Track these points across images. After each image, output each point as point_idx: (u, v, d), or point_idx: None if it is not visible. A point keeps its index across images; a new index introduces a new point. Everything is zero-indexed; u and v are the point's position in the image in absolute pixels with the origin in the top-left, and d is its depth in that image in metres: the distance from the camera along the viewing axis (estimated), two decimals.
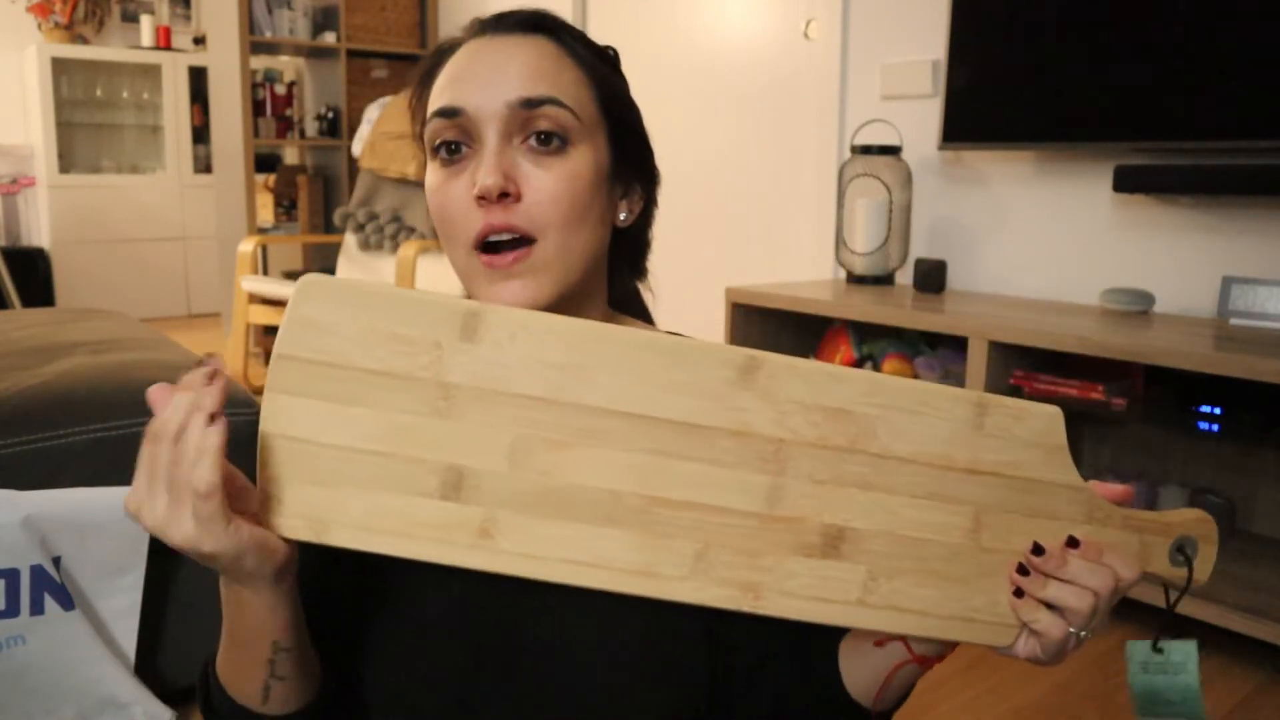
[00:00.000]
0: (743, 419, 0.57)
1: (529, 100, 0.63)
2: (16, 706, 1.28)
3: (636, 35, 3.17)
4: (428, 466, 0.55)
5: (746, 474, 0.57)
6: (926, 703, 1.52)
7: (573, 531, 0.56)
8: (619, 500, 0.56)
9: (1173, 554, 0.62)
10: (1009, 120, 2.19)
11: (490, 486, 0.55)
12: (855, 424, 0.58)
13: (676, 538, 0.56)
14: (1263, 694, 1.56)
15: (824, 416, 0.58)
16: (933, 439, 0.59)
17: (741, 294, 2.31)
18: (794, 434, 0.58)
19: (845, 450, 0.58)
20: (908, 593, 0.59)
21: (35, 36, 4.84)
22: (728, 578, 0.57)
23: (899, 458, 0.59)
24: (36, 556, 1.26)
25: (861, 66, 2.58)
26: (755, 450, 0.57)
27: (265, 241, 4.03)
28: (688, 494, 0.57)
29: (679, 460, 0.57)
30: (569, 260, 0.66)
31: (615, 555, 0.56)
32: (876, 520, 0.58)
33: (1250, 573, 1.74)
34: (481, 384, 0.55)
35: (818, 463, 0.58)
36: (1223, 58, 1.87)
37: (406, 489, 0.55)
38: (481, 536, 0.55)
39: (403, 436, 0.55)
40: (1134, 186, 1.99)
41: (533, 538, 0.55)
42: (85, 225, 4.87)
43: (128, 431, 1.36)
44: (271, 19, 3.91)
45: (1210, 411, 1.78)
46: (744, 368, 0.57)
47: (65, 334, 1.77)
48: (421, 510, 0.55)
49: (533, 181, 0.64)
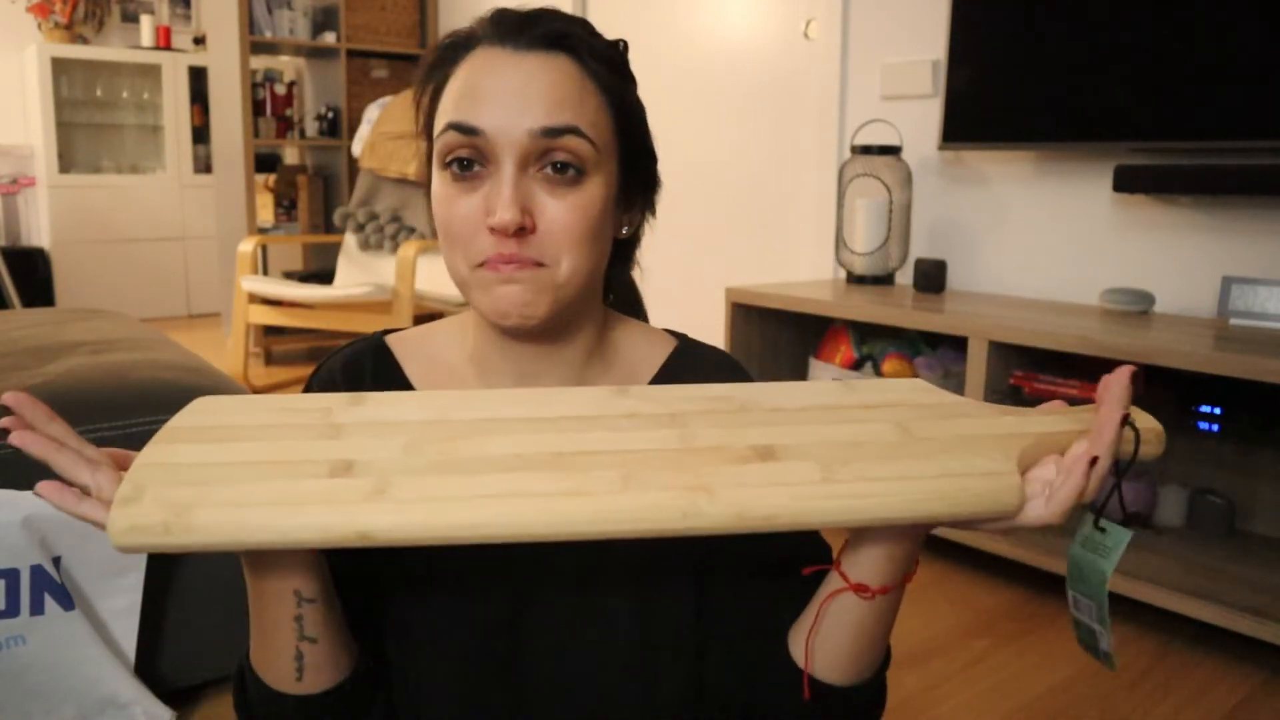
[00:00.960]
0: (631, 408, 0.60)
1: (550, 129, 0.63)
2: (16, 706, 1.28)
3: (636, 35, 3.15)
4: (316, 463, 0.53)
5: (652, 432, 0.57)
6: (927, 703, 1.52)
7: (478, 478, 0.52)
8: (527, 457, 0.53)
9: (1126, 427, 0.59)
10: (1009, 120, 2.19)
11: (384, 465, 0.53)
12: (738, 400, 0.61)
13: (597, 469, 0.52)
14: (1263, 694, 1.56)
15: (708, 402, 0.60)
16: (816, 397, 0.61)
17: (741, 294, 2.31)
18: (683, 411, 0.59)
19: (738, 412, 0.59)
20: (875, 471, 0.53)
21: (35, 36, 4.84)
22: (669, 483, 0.51)
23: (792, 409, 0.60)
24: (36, 556, 1.26)
25: (861, 66, 2.58)
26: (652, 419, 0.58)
27: (265, 241, 4.03)
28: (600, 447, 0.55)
29: (579, 433, 0.56)
30: (573, 283, 0.66)
31: (533, 485, 0.51)
32: (803, 437, 0.56)
33: (1250, 573, 1.74)
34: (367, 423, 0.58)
35: (716, 423, 0.58)
36: (1223, 58, 1.87)
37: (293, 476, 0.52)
38: (375, 494, 0.50)
39: (289, 452, 0.54)
40: (1134, 186, 1.99)
41: (431, 486, 0.51)
42: (85, 225, 4.87)
43: (128, 431, 1.36)
44: (271, 19, 3.91)
45: (1210, 411, 1.78)
46: (618, 391, 0.62)
47: (65, 334, 1.77)
48: (304, 486, 0.51)
49: (547, 213, 0.64)
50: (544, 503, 0.50)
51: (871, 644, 0.63)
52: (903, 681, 1.58)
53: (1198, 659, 1.66)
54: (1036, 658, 1.67)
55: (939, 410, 0.60)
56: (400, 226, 3.65)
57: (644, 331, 0.80)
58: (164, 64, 5.03)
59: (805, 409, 0.60)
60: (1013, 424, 0.58)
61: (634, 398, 0.60)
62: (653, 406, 0.59)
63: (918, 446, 0.56)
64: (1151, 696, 1.55)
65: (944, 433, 0.57)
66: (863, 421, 0.58)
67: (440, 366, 0.75)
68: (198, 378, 1.52)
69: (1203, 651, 1.69)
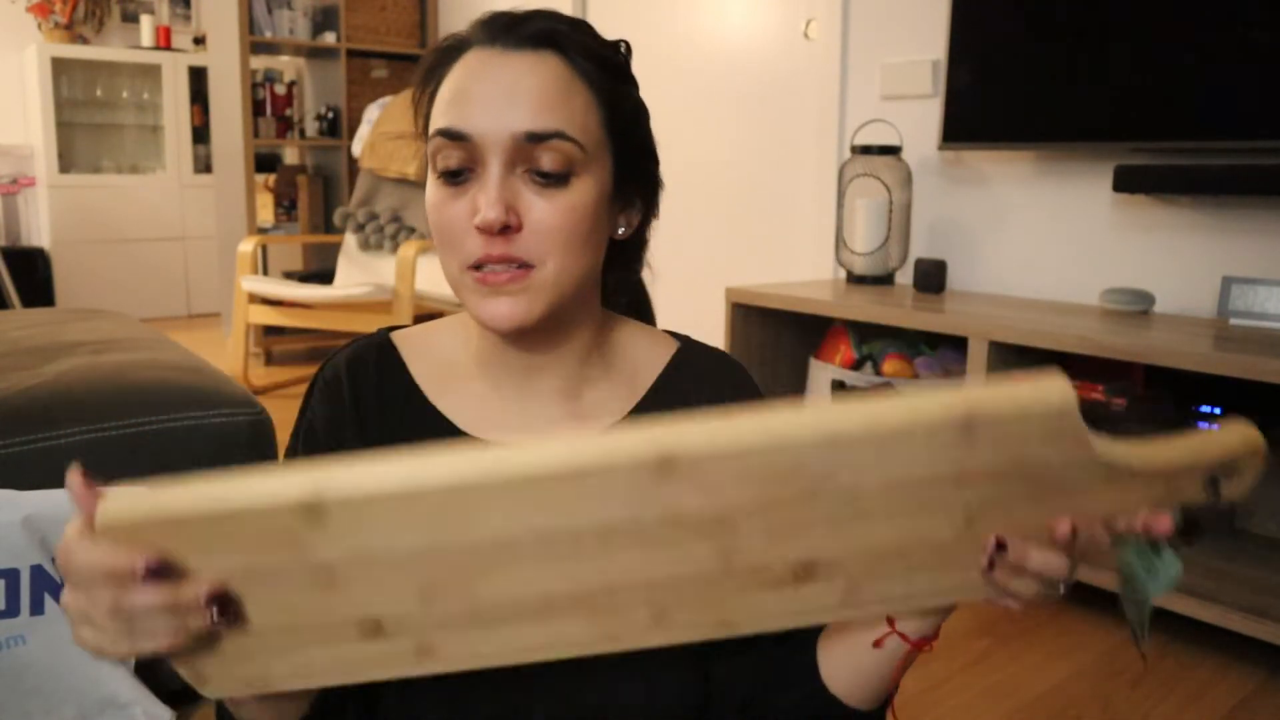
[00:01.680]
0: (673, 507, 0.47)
1: (535, 134, 0.63)
2: (16, 706, 1.28)
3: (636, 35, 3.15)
4: (340, 624, 0.49)
5: (689, 547, 0.49)
6: (927, 703, 1.52)
7: (514, 629, 0.51)
8: (553, 599, 0.50)
9: (1206, 486, 0.55)
10: (1009, 120, 2.19)
11: (413, 622, 0.50)
12: (808, 474, 0.47)
13: (628, 611, 0.52)
14: (1263, 694, 1.56)
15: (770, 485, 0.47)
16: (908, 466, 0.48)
17: (741, 294, 2.31)
18: (734, 507, 0.48)
19: (801, 499, 0.48)
20: (893, 589, 0.54)
21: (35, 36, 4.84)
22: (696, 620, 0.53)
23: (870, 491, 0.49)
24: (36, 556, 1.26)
25: (861, 66, 2.58)
26: (694, 527, 0.48)
27: (265, 241, 4.03)
28: (628, 578, 0.50)
29: (608, 555, 0.49)
30: (563, 284, 0.66)
31: (570, 633, 0.52)
32: (849, 545, 0.51)
33: (1250, 573, 1.74)
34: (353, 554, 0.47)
35: (771, 519, 0.49)
36: (1223, 58, 1.87)
37: (326, 643, 0.50)
38: (421, 654, 0.51)
39: (298, 609, 0.49)
40: (1134, 186, 1.99)
41: (474, 643, 0.51)
42: (85, 225, 4.87)
43: (128, 431, 1.36)
44: (271, 19, 3.91)
45: (1210, 411, 1.78)
46: (659, 466, 0.45)
47: (65, 334, 1.77)
48: (351, 652, 0.50)
49: (534, 212, 0.64)
50: (578, 647, 0.53)
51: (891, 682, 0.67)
52: (903, 681, 1.58)
53: (1198, 659, 1.66)
54: (1036, 658, 1.67)
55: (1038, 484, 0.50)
56: (400, 226, 3.65)
57: (646, 333, 0.79)
58: (164, 64, 5.03)
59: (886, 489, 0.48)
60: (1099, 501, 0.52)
61: (678, 482, 0.46)
62: (699, 500, 0.47)
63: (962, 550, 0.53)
64: (1151, 696, 1.55)
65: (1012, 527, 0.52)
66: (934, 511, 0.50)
67: (445, 365, 0.75)
68: (198, 378, 1.52)
69: (1203, 651, 1.69)
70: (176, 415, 1.41)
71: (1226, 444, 0.53)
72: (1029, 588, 0.55)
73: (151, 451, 1.37)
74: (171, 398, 1.42)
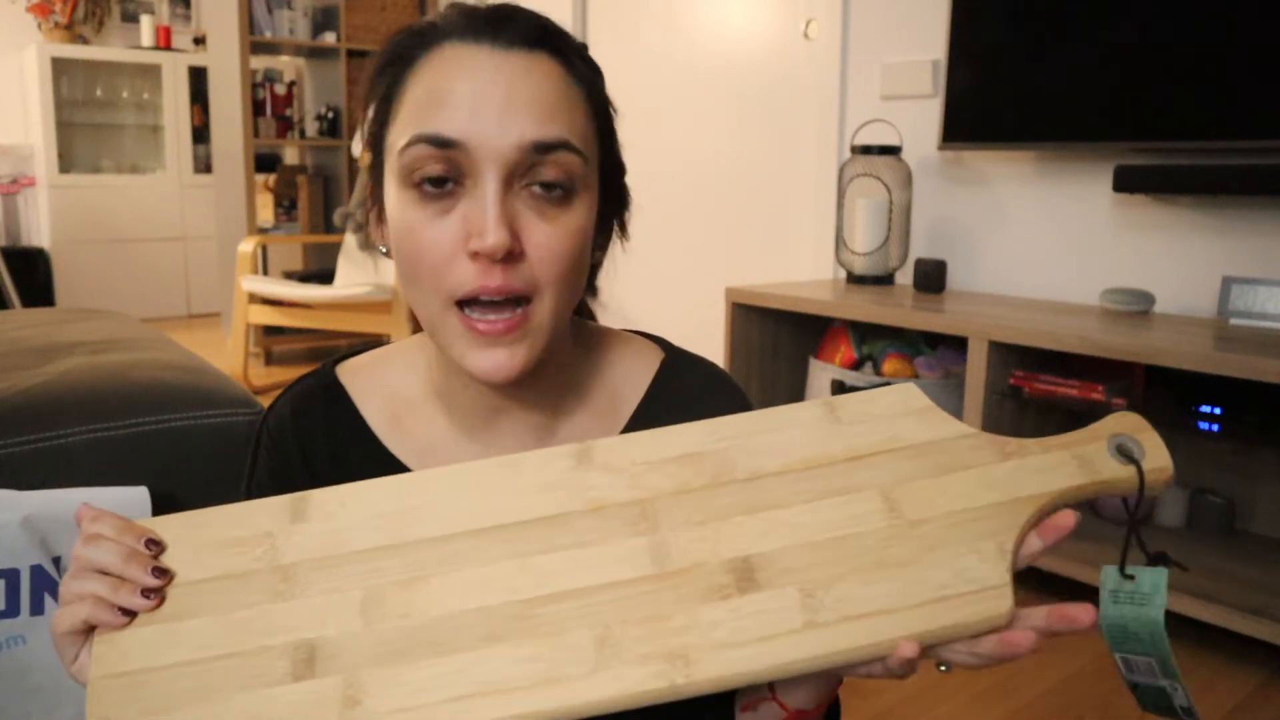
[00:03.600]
0: (596, 495, 0.54)
1: (543, 144, 0.55)
2: (16, 706, 1.28)
3: (636, 35, 3.17)
4: (275, 651, 0.50)
5: (619, 543, 0.52)
6: (927, 703, 1.52)
7: (448, 665, 0.49)
8: (490, 615, 0.50)
9: (1115, 456, 0.55)
10: (1009, 120, 2.19)
11: (347, 649, 0.50)
12: (710, 461, 0.54)
13: (568, 630, 0.49)
14: (1263, 694, 1.56)
15: (676, 465, 0.54)
16: (797, 446, 0.54)
17: (741, 294, 2.31)
18: (653, 490, 0.54)
19: (712, 486, 0.54)
20: (858, 596, 0.50)
21: (35, 36, 4.84)
22: (644, 653, 0.49)
23: (771, 473, 0.54)
24: (36, 556, 1.26)
25: (861, 66, 2.58)
26: (620, 518, 0.53)
27: (265, 241, 4.03)
28: (564, 584, 0.51)
29: (542, 555, 0.52)
30: (559, 319, 0.59)
31: (504, 674, 0.49)
32: (780, 537, 0.52)
33: (1250, 573, 1.74)
34: (318, 554, 0.53)
35: (689, 508, 0.53)
36: (1222, 58, 1.87)
37: (254, 684, 0.50)
38: (348, 705, 0.49)
39: (244, 631, 0.51)
40: (1134, 186, 1.99)
41: (404, 686, 0.49)
42: (85, 225, 4.87)
43: (128, 431, 1.36)
44: (271, 19, 3.91)
45: (1210, 411, 1.78)
46: (579, 454, 0.55)
47: (65, 334, 1.77)
48: (275, 701, 0.49)
49: (536, 237, 0.56)
50: (516, 698, 0.48)
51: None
52: (902, 681, 1.58)
53: (1198, 659, 1.66)
54: (1036, 658, 1.67)
55: (932, 461, 0.54)
56: None
57: (626, 346, 0.71)
58: (164, 64, 5.03)
59: (784, 472, 0.54)
60: (1010, 480, 0.54)
61: (597, 469, 0.55)
62: (618, 485, 0.54)
63: (909, 545, 0.52)
64: None
65: (936, 508, 0.53)
66: (846, 492, 0.53)
67: (400, 401, 0.67)
68: (198, 378, 1.52)
69: (1203, 651, 1.69)
70: (176, 415, 1.40)
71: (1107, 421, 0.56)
72: None
73: (151, 451, 1.37)
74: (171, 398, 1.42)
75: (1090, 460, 0.55)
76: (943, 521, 0.53)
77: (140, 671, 0.51)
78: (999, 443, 0.55)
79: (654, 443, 0.56)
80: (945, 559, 0.51)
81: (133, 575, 0.53)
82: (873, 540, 0.52)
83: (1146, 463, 0.54)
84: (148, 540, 0.54)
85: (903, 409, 0.56)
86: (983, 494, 0.54)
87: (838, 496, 0.53)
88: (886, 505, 0.53)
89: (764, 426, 0.56)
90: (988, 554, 0.52)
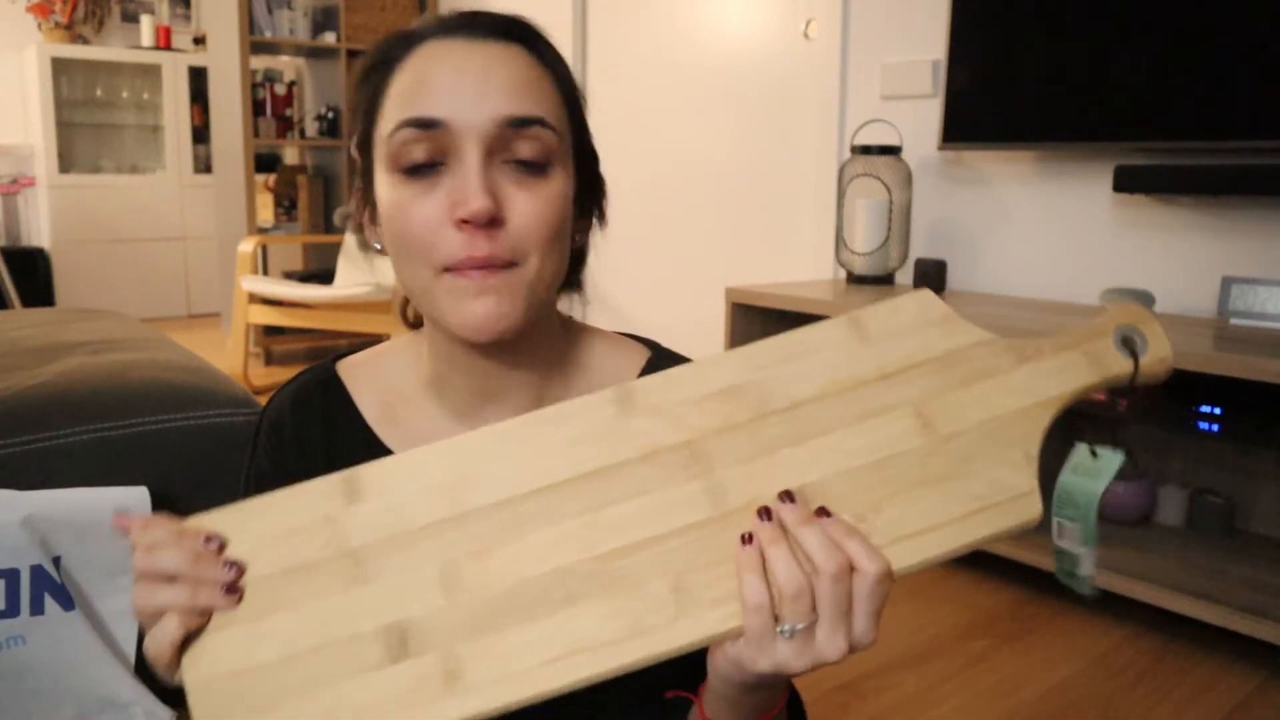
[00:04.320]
0: (645, 440, 0.55)
1: (518, 119, 0.59)
2: (16, 707, 1.28)
3: (636, 35, 3.17)
4: (367, 638, 0.52)
5: (677, 488, 0.54)
6: (927, 703, 1.52)
7: (538, 630, 0.51)
8: (568, 575, 0.52)
9: (1121, 348, 0.59)
10: (1009, 120, 2.19)
11: (436, 626, 0.52)
12: (749, 394, 0.56)
13: (644, 582, 0.52)
14: (1263, 694, 1.56)
15: (718, 403, 0.56)
16: (829, 369, 0.57)
17: (741, 294, 2.31)
18: (699, 430, 0.56)
19: (755, 419, 0.56)
20: (905, 516, 0.54)
21: (35, 36, 4.84)
22: (717, 596, 0.52)
23: (809, 399, 0.56)
24: (36, 556, 1.26)
25: (861, 66, 2.58)
26: (673, 463, 0.55)
27: (265, 241, 4.03)
28: (632, 535, 0.53)
29: (606, 508, 0.54)
30: (543, 284, 0.62)
31: (592, 632, 0.51)
32: (826, 465, 0.55)
33: (1250, 573, 1.74)
34: (384, 534, 0.54)
35: (737, 444, 0.55)
36: (1223, 58, 1.87)
37: (353, 671, 0.51)
38: (450, 680, 0.51)
39: (329, 620, 0.52)
40: (1134, 186, 1.99)
41: (500, 656, 0.51)
42: (85, 225, 4.87)
43: (128, 431, 1.36)
44: (271, 19, 3.91)
45: (1210, 411, 1.78)
46: (619, 399, 0.56)
47: (65, 334, 1.77)
48: (377, 685, 0.51)
49: (517, 205, 0.60)
50: (606, 655, 0.51)
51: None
52: (903, 681, 1.58)
53: (1198, 659, 1.66)
54: (1036, 658, 1.67)
55: (956, 371, 0.57)
56: None
57: (612, 343, 0.74)
58: (164, 64, 5.03)
59: (821, 397, 0.56)
60: (1029, 385, 0.57)
61: (640, 414, 0.56)
62: (664, 428, 0.56)
63: (945, 459, 0.55)
64: (1151, 696, 1.55)
65: (965, 420, 0.56)
66: (882, 413, 0.56)
67: (395, 393, 0.71)
68: (198, 378, 1.52)
69: (1203, 651, 1.69)
70: (176, 415, 1.40)
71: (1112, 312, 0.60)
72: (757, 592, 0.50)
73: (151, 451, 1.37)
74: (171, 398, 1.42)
75: (1100, 357, 0.58)
76: (973, 433, 0.56)
77: (237, 673, 0.52)
78: (1016, 347, 0.59)
79: (692, 380, 0.57)
80: (978, 470, 0.55)
81: (208, 574, 0.52)
82: (912, 459, 0.55)
83: (1149, 353, 0.58)
84: (206, 537, 0.53)
85: (924, 319, 0.59)
86: (1006, 401, 0.57)
87: (874, 418, 0.56)
88: (920, 422, 0.56)
89: (796, 351, 0.58)
90: (1016, 462, 0.55)
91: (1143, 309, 0.60)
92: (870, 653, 1.65)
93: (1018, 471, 0.55)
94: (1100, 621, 1.79)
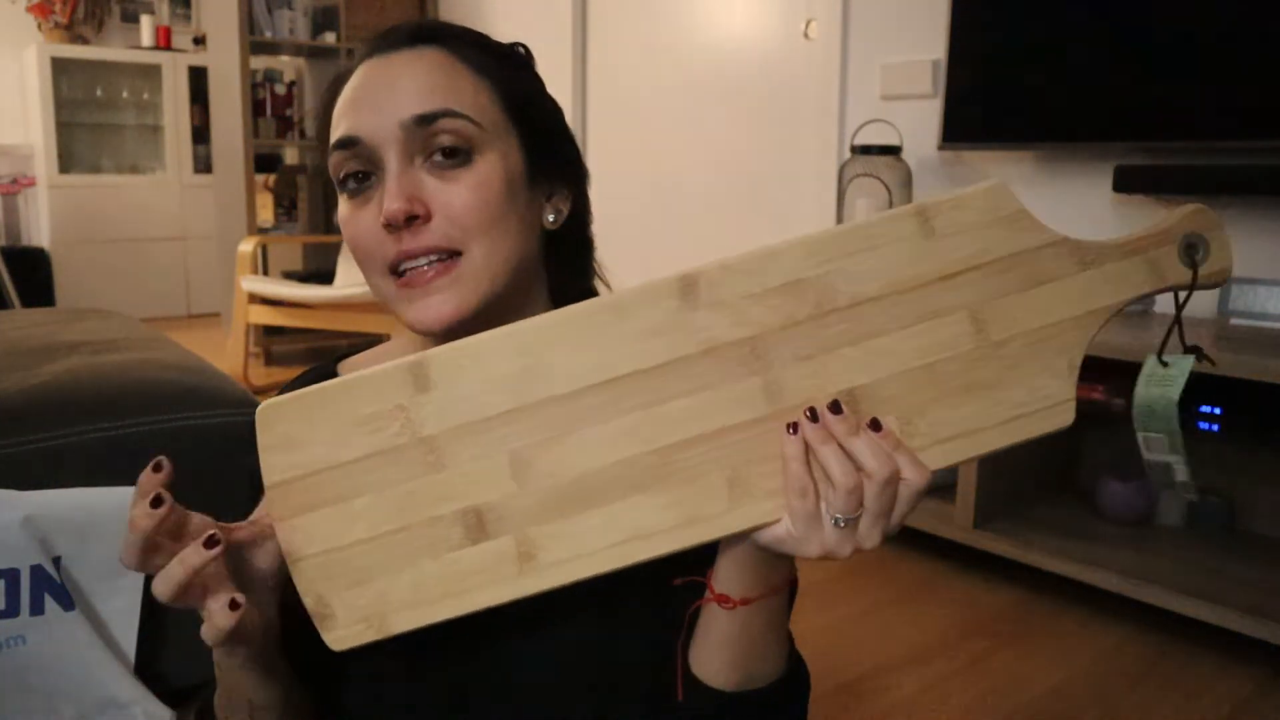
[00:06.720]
0: (707, 336, 0.57)
1: (423, 117, 0.62)
2: (16, 706, 1.28)
3: (636, 35, 3.17)
4: (446, 520, 0.56)
5: (736, 385, 0.56)
6: (927, 703, 1.52)
7: (600, 516, 0.56)
8: (630, 467, 0.56)
9: (1183, 256, 0.59)
10: (1009, 120, 2.19)
11: (510, 511, 0.56)
12: (812, 289, 0.57)
13: (702, 475, 0.56)
14: (1263, 694, 1.56)
15: (780, 298, 0.57)
16: (893, 267, 0.57)
17: None
18: (761, 326, 0.56)
19: (816, 317, 0.57)
20: (947, 420, 0.56)
21: (35, 36, 4.84)
22: (770, 489, 0.56)
23: (870, 299, 0.57)
24: (36, 556, 1.26)
25: (861, 66, 2.58)
26: (733, 359, 0.56)
27: (265, 241, 4.03)
28: (692, 429, 0.56)
29: (667, 403, 0.56)
30: (494, 268, 0.64)
31: (651, 520, 0.56)
32: (880, 367, 0.56)
33: (1250, 573, 1.74)
34: (455, 422, 0.57)
35: (796, 342, 0.56)
36: (1223, 58, 1.87)
37: (437, 550, 0.56)
38: (525, 560, 0.56)
39: (411, 504, 0.56)
40: (1134, 186, 1.99)
41: (567, 539, 0.56)
42: (85, 225, 4.87)
43: (128, 431, 1.36)
44: (271, 19, 3.91)
45: (1210, 411, 1.78)
46: (682, 290, 0.57)
47: (65, 334, 1.77)
48: (460, 562, 0.56)
49: (440, 197, 0.62)
50: (667, 537, 0.56)
51: (747, 655, 0.62)
52: (903, 682, 1.58)
53: (1198, 659, 1.66)
54: (1036, 658, 1.67)
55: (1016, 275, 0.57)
56: None
57: None
58: (164, 64, 5.03)
59: (881, 296, 0.57)
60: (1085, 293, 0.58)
61: (703, 307, 0.56)
62: (725, 319, 0.56)
63: (993, 365, 0.57)
64: (1151, 696, 1.55)
65: (1018, 326, 0.57)
66: (939, 316, 0.57)
67: None
68: (198, 378, 1.52)
69: (1203, 651, 1.69)
70: (176, 415, 1.41)
71: (1179, 217, 0.59)
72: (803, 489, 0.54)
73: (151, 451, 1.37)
74: (171, 398, 1.42)
75: (1159, 265, 0.59)
76: (1023, 340, 0.57)
77: (331, 550, 0.56)
78: (1080, 250, 0.58)
79: (756, 271, 0.57)
80: (1023, 377, 0.57)
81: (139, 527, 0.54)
82: (961, 364, 0.57)
83: (1209, 264, 0.59)
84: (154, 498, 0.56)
85: (993, 215, 0.58)
86: (1061, 308, 0.58)
87: (930, 320, 0.57)
88: (974, 327, 0.57)
89: (860, 245, 0.57)
90: (1059, 371, 0.57)
91: (1213, 215, 0.59)
92: (870, 653, 1.65)
93: (1059, 380, 0.57)
94: (1100, 621, 1.79)
